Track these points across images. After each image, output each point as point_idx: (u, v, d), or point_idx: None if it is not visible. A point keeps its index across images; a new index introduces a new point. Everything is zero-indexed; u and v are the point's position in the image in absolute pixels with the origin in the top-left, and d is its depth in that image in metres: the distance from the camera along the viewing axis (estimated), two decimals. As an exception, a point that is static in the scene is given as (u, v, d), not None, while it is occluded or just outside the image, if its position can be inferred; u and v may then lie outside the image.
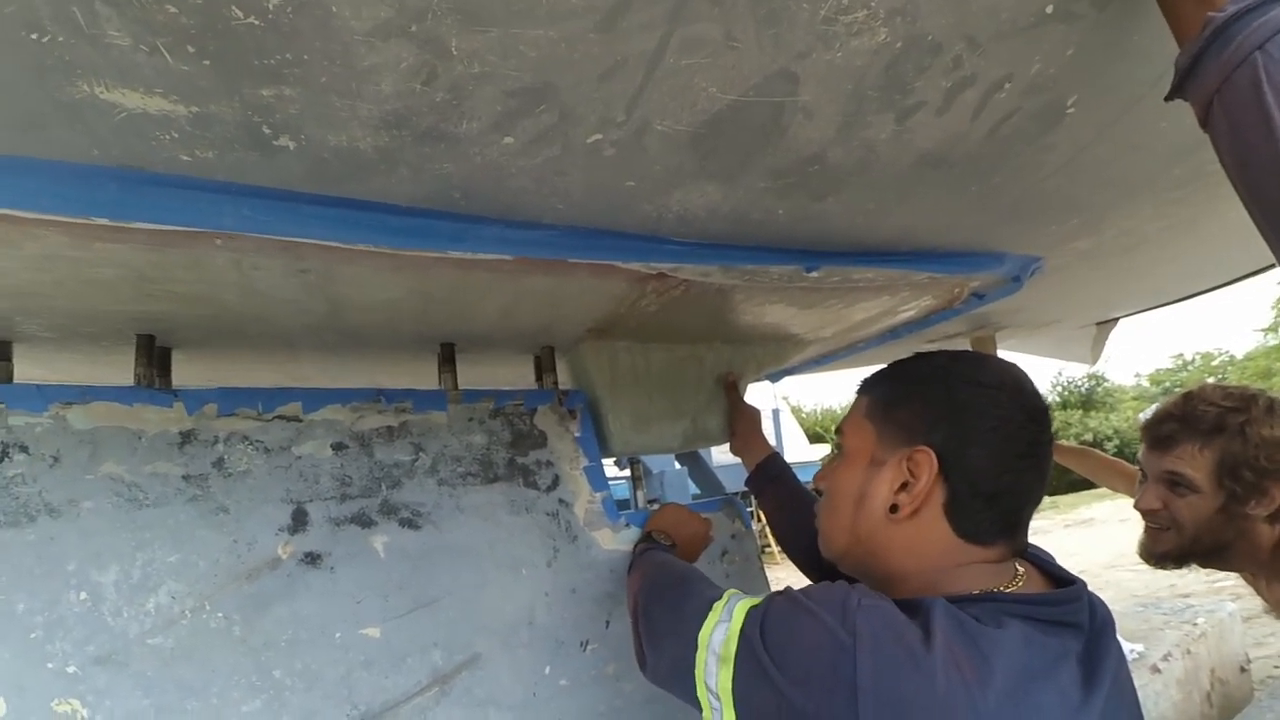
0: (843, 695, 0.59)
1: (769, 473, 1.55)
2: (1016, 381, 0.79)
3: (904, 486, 0.76)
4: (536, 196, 0.80)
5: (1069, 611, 0.71)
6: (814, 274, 1.12)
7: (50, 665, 0.97)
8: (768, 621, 0.69)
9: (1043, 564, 0.81)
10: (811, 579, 1.41)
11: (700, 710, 0.74)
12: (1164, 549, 1.22)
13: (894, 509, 0.77)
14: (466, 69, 0.57)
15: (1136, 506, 1.27)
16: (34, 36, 0.51)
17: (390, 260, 0.90)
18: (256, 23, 0.51)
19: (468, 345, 1.44)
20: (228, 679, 1.07)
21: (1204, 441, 1.17)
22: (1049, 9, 0.64)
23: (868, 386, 0.89)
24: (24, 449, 1.02)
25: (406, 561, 1.25)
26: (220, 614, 1.09)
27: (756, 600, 0.74)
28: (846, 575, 0.85)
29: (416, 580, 1.25)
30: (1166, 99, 0.65)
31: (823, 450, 12.20)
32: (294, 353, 1.44)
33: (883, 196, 0.95)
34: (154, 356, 1.17)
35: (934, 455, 0.75)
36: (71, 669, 0.98)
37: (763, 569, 1.66)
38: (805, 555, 1.36)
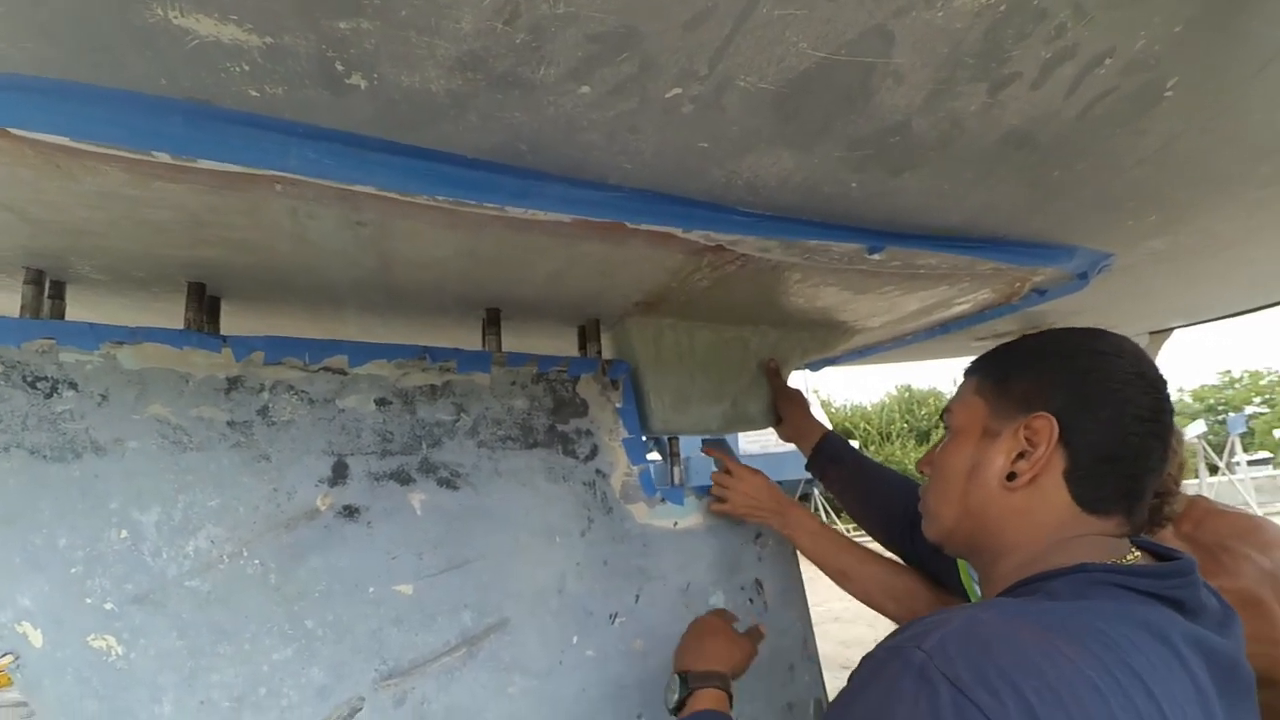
0: None
1: (828, 453, 1.51)
2: (1135, 351, 0.77)
3: (1021, 455, 0.74)
4: (605, 154, 0.77)
5: (1171, 586, 0.66)
6: (876, 256, 1.08)
7: (89, 600, 0.98)
8: None
9: (1157, 550, 0.75)
10: (895, 553, 1.37)
11: None
12: None
13: (1011, 477, 0.75)
14: (551, 8, 0.55)
15: None
16: (112, -47, 0.49)
17: (446, 216, 0.88)
18: (341, -55, 0.49)
19: (512, 312, 1.42)
20: (261, 626, 1.08)
21: None
22: (1165, -25, 0.60)
23: (977, 367, 0.87)
24: (73, 385, 1.02)
25: (442, 521, 1.24)
26: (257, 561, 1.09)
27: None
28: (944, 557, 0.85)
29: (451, 540, 1.24)
30: None
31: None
32: (338, 311, 1.43)
33: (960, 176, 0.91)
34: (204, 303, 1.17)
35: (1054, 420, 0.72)
36: (109, 606, 0.99)
37: (795, 555, 1.63)
38: (884, 530, 1.32)
